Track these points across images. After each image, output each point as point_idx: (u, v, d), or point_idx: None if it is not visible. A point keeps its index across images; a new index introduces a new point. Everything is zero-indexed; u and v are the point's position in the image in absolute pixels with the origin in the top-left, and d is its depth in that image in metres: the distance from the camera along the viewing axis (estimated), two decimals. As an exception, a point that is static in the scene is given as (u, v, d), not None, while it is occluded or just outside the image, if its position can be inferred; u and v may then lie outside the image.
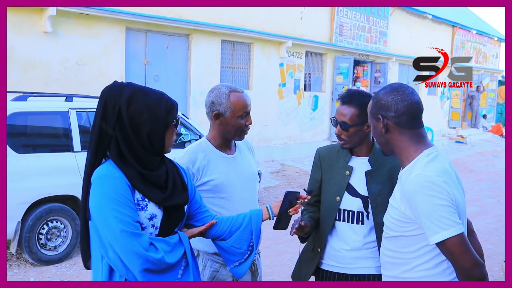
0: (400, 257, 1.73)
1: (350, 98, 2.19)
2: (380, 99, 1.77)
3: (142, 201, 1.64)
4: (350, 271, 2.25)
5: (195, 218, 1.92)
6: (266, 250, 5.20)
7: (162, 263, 1.58)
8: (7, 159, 4.22)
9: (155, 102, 1.66)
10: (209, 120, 2.29)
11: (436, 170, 1.63)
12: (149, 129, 1.64)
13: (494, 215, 7.19)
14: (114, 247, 1.55)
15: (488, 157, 13.80)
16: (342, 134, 2.20)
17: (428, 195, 1.58)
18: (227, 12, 9.60)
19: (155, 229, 1.67)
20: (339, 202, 2.24)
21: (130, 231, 1.54)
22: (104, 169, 1.62)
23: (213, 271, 2.24)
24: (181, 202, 1.75)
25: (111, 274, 1.61)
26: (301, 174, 9.65)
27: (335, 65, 12.59)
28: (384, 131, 1.77)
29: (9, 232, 4.43)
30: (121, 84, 1.68)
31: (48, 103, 5.06)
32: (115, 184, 1.58)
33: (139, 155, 1.64)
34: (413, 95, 1.75)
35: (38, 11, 7.05)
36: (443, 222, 1.55)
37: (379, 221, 2.14)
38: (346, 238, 2.24)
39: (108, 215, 1.55)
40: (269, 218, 2.06)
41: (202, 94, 9.39)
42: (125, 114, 1.62)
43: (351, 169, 2.24)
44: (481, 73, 20.12)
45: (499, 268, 4.75)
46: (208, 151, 2.26)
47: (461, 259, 1.55)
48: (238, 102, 2.20)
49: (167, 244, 1.63)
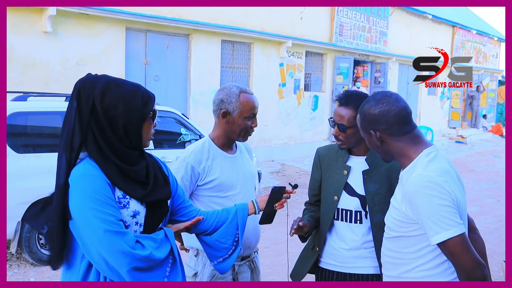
0: (401, 257, 1.73)
1: (347, 99, 2.20)
2: (367, 113, 1.77)
3: (124, 199, 1.59)
4: (349, 270, 2.25)
5: (179, 214, 1.88)
6: (266, 250, 5.20)
7: (150, 260, 1.53)
8: (7, 159, 4.22)
9: (130, 94, 1.60)
10: (215, 118, 2.30)
11: (437, 170, 1.63)
12: (125, 121, 1.59)
13: (494, 215, 7.20)
14: (98, 248, 1.49)
15: (488, 157, 13.81)
16: (340, 135, 2.21)
17: (430, 195, 1.58)
18: (227, 12, 9.60)
19: (139, 226, 1.62)
20: (337, 201, 2.25)
21: (114, 230, 1.49)
22: (82, 168, 1.55)
23: (213, 270, 2.24)
24: (164, 197, 1.70)
25: (87, 274, 1.56)
26: (301, 174, 9.65)
27: (335, 65, 12.59)
28: (379, 144, 1.77)
29: (9, 232, 4.43)
30: (94, 76, 1.62)
31: (48, 103, 5.06)
32: (94, 182, 1.52)
33: (117, 149, 1.58)
34: (398, 101, 1.74)
35: (38, 11, 7.05)
36: (445, 222, 1.55)
37: (376, 220, 2.16)
38: (344, 237, 2.25)
39: (89, 216, 1.49)
40: (254, 212, 2.05)
41: (202, 94, 9.40)
42: (100, 106, 1.56)
43: (349, 169, 2.25)
44: (481, 73, 20.13)
45: (499, 268, 4.75)
46: (212, 150, 2.28)
47: (462, 259, 1.55)
48: (248, 103, 2.23)
49: (153, 240, 1.59)
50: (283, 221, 2.45)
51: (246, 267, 2.36)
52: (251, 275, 2.38)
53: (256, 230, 2.36)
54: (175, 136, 5.88)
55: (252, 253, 2.40)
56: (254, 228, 2.33)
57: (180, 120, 5.91)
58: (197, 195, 2.26)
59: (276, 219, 2.16)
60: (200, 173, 2.21)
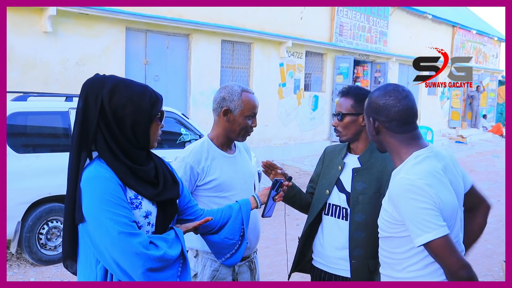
0: (392, 257, 1.75)
1: (347, 90, 2.29)
2: (373, 100, 1.78)
3: (136, 199, 1.59)
4: (334, 271, 2.28)
5: (186, 213, 1.89)
6: (266, 250, 5.20)
7: (164, 260, 1.53)
8: (7, 159, 4.22)
9: (139, 94, 1.61)
10: (215, 117, 2.31)
11: (421, 172, 1.63)
12: (133, 122, 1.59)
13: (494, 215, 7.13)
14: (112, 251, 1.49)
15: (488, 157, 13.81)
16: (338, 125, 2.26)
17: (410, 198, 1.59)
18: (227, 12, 9.60)
19: (151, 226, 1.63)
20: (328, 195, 2.29)
21: (128, 232, 1.48)
22: (93, 170, 1.56)
23: (213, 271, 2.24)
24: (174, 196, 1.72)
25: (106, 278, 1.57)
26: (301, 174, 9.65)
27: (335, 65, 12.60)
28: (375, 133, 1.79)
29: (9, 232, 4.43)
30: (102, 76, 1.63)
31: (48, 103, 5.06)
32: (106, 184, 1.52)
33: (126, 149, 1.59)
34: (407, 99, 1.73)
35: (38, 11, 7.05)
36: (425, 225, 1.56)
37: (356, 219, 2.18)
38: (332, 233, 2.28)
39: (102, 218, 1.49)
40: (257, 206, 2.09)
41: (202, 94, 9.40)
42: (108, 107, 1.57)
43: (344, 165, 2.28)
44: (481, 73, 20.13)
45: (499, 268, 4.75)
46: (211, 150, 2.28)
47: (446, 261, 1.56)
48: (249, 102, 2.25)
49: (165, 241, 1.60)
50: (283, 221, 2.46)
51: (246, 267, 2.36)
52: (250, 276, 2.38)
53: (255, 230, 2.36)
54: (175, 136, 5.88)
55: (252, 254, 2.40)
56: (254, 228, 2.33)
57: (180, 120, 5.91)
58: (197, 195, 2.26)
59: (276, 219, 2.16)
60: (199, 173, 2.21)
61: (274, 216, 2.14)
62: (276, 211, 2.14)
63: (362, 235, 2.17)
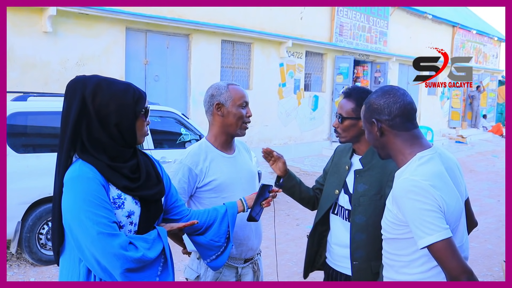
0: (396, 259, 1.73)
1: (350, 92, 2.28)
2: (373, 103, 1.77)
3: (118, 199, 1.60)
4: (340, 269, 2.29)
5: (172, 213, 1.90)
6: (266, 250, 5.19)
7: (143, 261, 1.55)
8: (7, 159, 4.22)
9: (121, 92, 1.62)
10: (209, 118, 2.30)
11: (425, 174, 1.62)
12: (117, 119, 1.60)
13: (494, 215, 7.20)
14: (92, 250, 1.50)
15: (488, 157, 13.80)
16: (339, 127, 2.26)
17: (413, 200, 1.57)
18: (227, 12, 9.60)
19: (134, 225, 1.64)
20: (337, 195, 2.29)
21: (107, 233, 1.50)
22: (77, 169, 1.56)
23: (216, 272, 2.24)
24: (155, 193, 1.71)
25: (89, 276, 1.58)
26: (301, 174, 9.64)
27: (335, 65, 12.59)
28: (379, 135, 1.77)
29: (9, 232, 4.43)
30: (84, 76, 1.64)
31: (48, 103, 5.06)
32: (88, 185, 1.53)
33: (107, 147, 1.60)
34: (405, 96, 1.75)
35: (38, 11, 7.05)
36: (428, 227, 1.55)
37: (357, 221, 2.18)
38: (338, 233, 2.29)
39: (83, 218, 1.50)
40: (243, 210, 2.08)
41: (202, 94, 9.39)
42: (91, 106, 1.58)
43: (350, 165, 2.29)
44: (481, 73, 20.13)
45: (499, 268, 4.76)
46: (209, 151, 2.26)
47: (448, 265, 1.54)
48: (237, 92, 2.27)
49: (145, 241, 1.60)
50: (283, 221, 2.46)
51: (249, 269, 2.35)
52: (253, 277, 2.37)
53: (258, 232, 2.35)
54: (175, 136, 5.88)
55: (255, 256, 2.39)
56: (256, 229, 2.33)
57: (180, 120, 5.91)
58: (199, 197, 2.25)
59: (276, 219, 2.16)
60: (197, 175, 2.20)
61: (274, 216, 2.14)
62: (277, 211, 2.15)
63: (362, 237, 2.17)
